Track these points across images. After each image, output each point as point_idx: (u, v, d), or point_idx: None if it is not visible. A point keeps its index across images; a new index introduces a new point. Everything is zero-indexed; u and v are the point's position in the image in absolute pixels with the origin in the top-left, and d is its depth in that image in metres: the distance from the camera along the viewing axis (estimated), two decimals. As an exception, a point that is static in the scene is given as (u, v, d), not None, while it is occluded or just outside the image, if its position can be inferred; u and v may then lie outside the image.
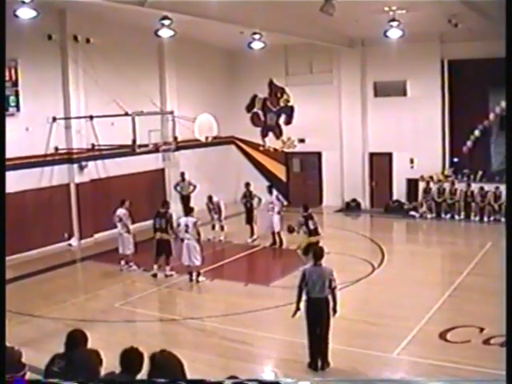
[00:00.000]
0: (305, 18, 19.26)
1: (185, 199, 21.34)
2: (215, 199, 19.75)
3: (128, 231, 16.40)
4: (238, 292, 14.46)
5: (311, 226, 15.91)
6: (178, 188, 21.92)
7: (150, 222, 16.68)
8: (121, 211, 16.37)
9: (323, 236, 16.37)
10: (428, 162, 23.15)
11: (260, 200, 19.79)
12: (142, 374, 5.44)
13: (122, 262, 16.45)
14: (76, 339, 6.36)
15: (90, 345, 6.45)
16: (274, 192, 19.49)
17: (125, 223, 16.34)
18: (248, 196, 19.90)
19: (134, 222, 16.95)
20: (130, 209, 16.53)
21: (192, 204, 19.06)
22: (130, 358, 5.59)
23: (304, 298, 9.86)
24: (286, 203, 19.58)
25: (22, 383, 5.04)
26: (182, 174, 21.99)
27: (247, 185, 20.19)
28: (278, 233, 18.62)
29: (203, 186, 20.99)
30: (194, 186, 21.62)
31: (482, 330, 11.06)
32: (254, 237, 19.46)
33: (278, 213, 18.66)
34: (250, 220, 19.74)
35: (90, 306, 13.79)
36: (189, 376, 5.33)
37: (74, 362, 6.01)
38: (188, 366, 5.35)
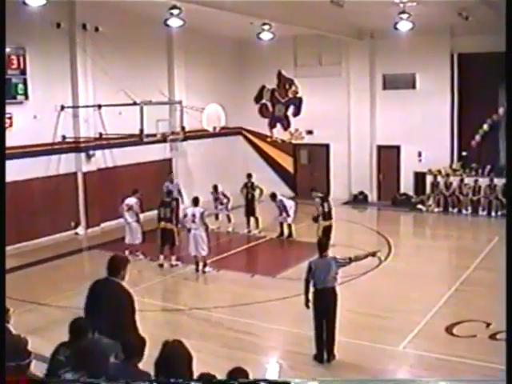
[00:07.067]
0: (315, 10, 19.14)
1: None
2: (220, 189, 19.67)
3: (138, 220, 16.45)
4: (244, 283, 14.45)
5: (326, 209, 16.33)
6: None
7: (156, 212, 16.55)
8: (131, 200, 16.41)
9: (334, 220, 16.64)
10: (436, 156, 23.04)
11: (262, 191, 19.56)
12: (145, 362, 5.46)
13: (127, 252, 16.39)
14: (80, 328, 6.35)
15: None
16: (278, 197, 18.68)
17: (136, 212, 16.40)
18: (249, 187, 19.69)
19: (141, 212, 16.96)
20: (141, 198, 16.54)
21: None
22: None
23: (311, 289, 9.83)
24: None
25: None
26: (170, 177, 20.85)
27: (249, 176, 20.02)
28: (290, 225, 18.61)
29: (210, 177, 20.93)
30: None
31: (488, 324, 11.02)
32: (259, 228, 19.38)
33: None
34: (251, 212, 19.52)
35: (96, 294, 13.77)
36: (194, 366, 5.33)
37: (79, 351, 6.00)
38: (193, 356, 5.35)
